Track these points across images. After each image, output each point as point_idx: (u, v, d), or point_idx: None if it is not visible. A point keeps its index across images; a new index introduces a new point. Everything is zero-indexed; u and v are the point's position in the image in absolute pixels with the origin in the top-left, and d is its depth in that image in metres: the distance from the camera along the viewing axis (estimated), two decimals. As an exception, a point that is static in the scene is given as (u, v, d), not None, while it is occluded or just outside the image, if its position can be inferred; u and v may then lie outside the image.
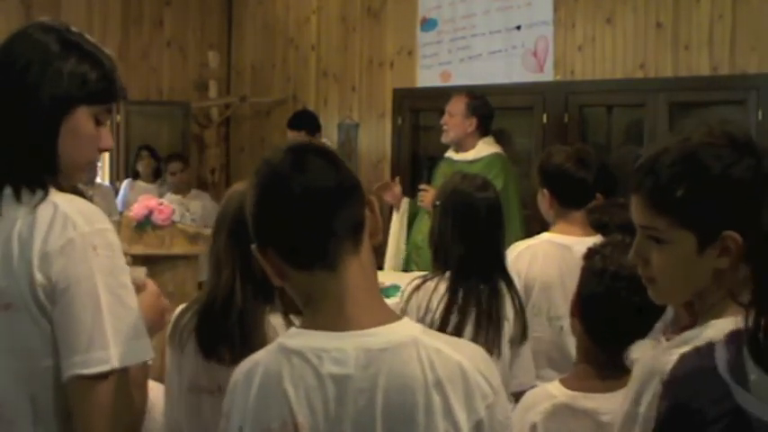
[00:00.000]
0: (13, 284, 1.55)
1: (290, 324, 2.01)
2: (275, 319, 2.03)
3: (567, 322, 2.74)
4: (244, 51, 7.06)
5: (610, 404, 1.90)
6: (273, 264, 1.36)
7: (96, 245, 1.53)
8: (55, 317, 1.51)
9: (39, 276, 1.52)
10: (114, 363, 1.48)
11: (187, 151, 6.73)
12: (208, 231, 4.09)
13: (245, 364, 1.38)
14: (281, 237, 1.34)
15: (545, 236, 2.87)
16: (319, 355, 1.29)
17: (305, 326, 1.36)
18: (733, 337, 1.15)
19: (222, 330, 2.01)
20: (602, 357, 1.98)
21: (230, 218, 2.07)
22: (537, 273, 2.82)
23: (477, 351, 1.37)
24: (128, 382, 1.50)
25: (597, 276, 1.98)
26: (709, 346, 1.17)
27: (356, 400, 1.28)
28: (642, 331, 1.99)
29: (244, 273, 2.02)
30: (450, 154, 4.75)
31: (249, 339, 1.99)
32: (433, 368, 1.28)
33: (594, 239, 2.88)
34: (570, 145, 3.16)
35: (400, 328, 1.32)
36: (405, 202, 4.75)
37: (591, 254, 2.07)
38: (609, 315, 1.96)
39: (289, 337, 1.35)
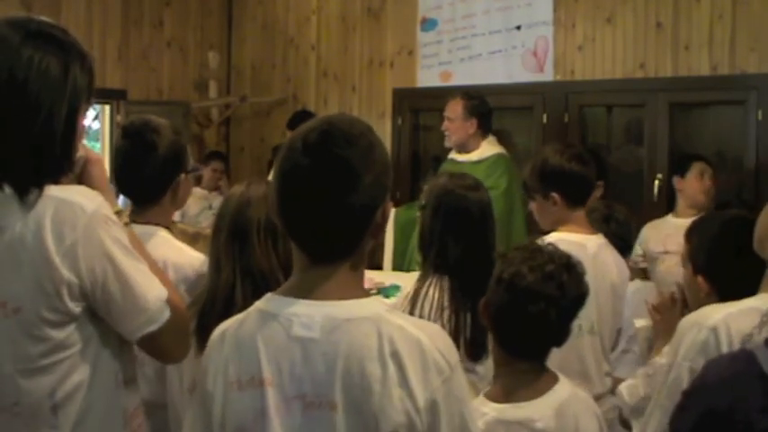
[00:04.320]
0: (22, 289, 1.57)
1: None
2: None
3: (584, 321, 2.68)
4: (244, 51, 7.05)
5: (540, 410, 1.88)
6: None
7: (104, 218, 1.63)
8: (98, 300, 1.63)
9: (66, 274, 1.57)
10: (166, 310, 1.68)
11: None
12: (208, 231, 4.08)
13: (224, 324, 1.50)
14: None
15: (555, 235, 2.86)
16: (290, 318, 1.40)
17: (283, 292, 1.46)
18: None
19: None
20: (521, 365, 1.92)
21: (230, 217, 2.07)
22: None
23: (438, 330, 1.45)
24: (175, 310, 1.71)
25: (497, 285, 1.92)
26: (746, 353, 1.13)
27: (319, 362, 1.37)
28: (554, 339, 1.93)
29: (244, 271, 2.03)
30: (453, 155, 4.75)
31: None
32: (392, 341, 1.36)
33: (599, 237, 2.89)
34: (561, 145, 3.14)
35: (367, 303, 1.42)
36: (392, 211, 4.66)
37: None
38: (513, 325, 1.89)
39: (266, 301, 1.46)
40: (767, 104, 4.77)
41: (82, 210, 1.59)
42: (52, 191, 1.60)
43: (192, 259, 2.27)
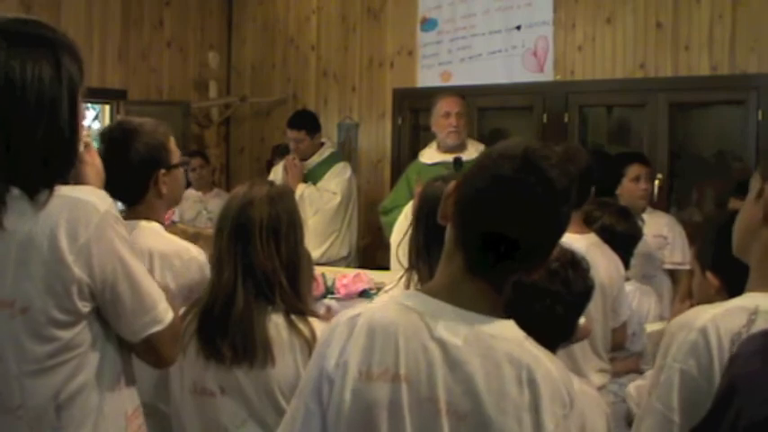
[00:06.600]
0: (31, 288, 1.56)
1: (291, 324, 2.02)
2: (277, 319, 2.03)
3: None
4: (244, 51, 7.05)
5: None
6: None
7: (115, 219, 1.64)
8: (106, 300, 1.63)
9: (78, 272, 1.57)
10: (170, 312, 1.70)
11: (187, 151, 6.73)
12: (208, 231, 4.09)
13: (347, 314, 1.47)
14: None
15: None
16: (436, 319, 1.39)
17: (429, 292, 1.44)
18: None
19: (223, 330, 2.02)
20: None
21: (232, 217, 2.07)
22: None
23: (562, 365, 1.46)
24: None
25: None
26: None
27: (458, 370, 1.36)
28: (562, 334, 1.95)
29: (245, 271, 2.03)
30: (440, 158, 4.63)
31: (251, 339, 1.99)
32: (530, 369, 1.36)
33: (589, 237, 2.88)
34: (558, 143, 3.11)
35: (510, 325, 1.43)
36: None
37: None
38: (519, 322, 1.91)
39: (409, 297, 1.46)
40: (767, 104, 4.77)
41: (95, 209, 1.60)
42: (63, 191, 1.60)
43: (181, 249, 2.25)
